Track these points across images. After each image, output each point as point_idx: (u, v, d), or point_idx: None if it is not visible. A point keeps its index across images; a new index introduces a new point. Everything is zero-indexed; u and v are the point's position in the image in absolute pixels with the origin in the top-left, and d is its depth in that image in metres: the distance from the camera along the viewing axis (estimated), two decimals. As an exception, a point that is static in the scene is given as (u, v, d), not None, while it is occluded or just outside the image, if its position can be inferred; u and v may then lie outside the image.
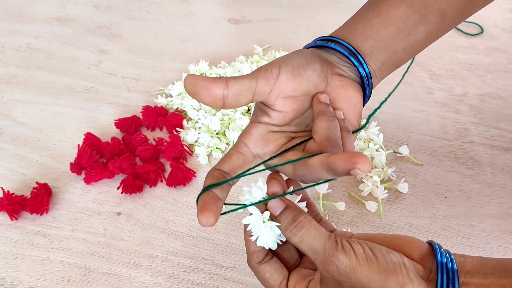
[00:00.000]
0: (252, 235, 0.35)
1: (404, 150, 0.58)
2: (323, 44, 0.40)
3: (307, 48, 0.41)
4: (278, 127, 0.37)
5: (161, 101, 0.64)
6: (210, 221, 0.31)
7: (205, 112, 0.62)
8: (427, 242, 0.35)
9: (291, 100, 0.36)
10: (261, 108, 0.37)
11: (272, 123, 0.36)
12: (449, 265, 0.32)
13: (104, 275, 0.48)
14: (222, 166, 0.36)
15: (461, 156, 0.59)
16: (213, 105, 0.33)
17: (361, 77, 0.40)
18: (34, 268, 0.48)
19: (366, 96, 0.41)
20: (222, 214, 0.34)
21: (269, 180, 0.36)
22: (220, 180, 0.34)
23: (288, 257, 0.38)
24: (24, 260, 0.49)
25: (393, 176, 0.56)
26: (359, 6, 0.47)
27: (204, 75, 0.67)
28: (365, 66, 0.40)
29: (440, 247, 0.33)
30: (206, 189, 0.33)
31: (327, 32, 0.42)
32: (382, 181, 0.55)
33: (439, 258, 0.32)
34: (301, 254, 0.39)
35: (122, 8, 0.85)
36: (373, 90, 0.42)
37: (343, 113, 0.38)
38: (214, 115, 0.61)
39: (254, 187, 0.35)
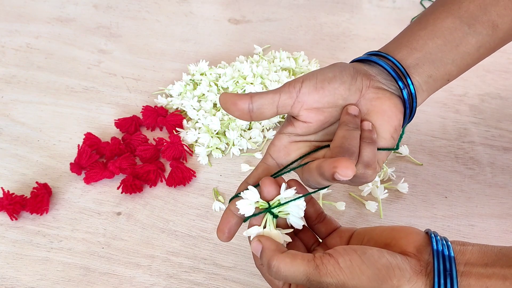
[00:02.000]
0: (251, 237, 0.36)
1: (404, 150, 0.58)
2: (367, 58, 0.41)
3: (352, 61, 0.42)
4: (301, 137, 0.38)
5: (161, 101, 0.64)
6: (224, 238, 0.37)
7: (205, 112, 0.62)
8: (424, 231, 0.35)
9: (316, 111, 0.37)
10: (288, 118, 0.39)
11: (295, 133, 0.38)
12: (446, 252, 0.32)
13: (104, 275, 0.48)
14: (248, 179, 0.39)
15: (461, 156, 0.59)
16: (242, 118, 0.37)
17: (401, 90, 0.40)
18: (34, 268, 0.48)
19: (408, 110, 0.40)
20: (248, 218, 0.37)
21: (262, 181, 0.37)
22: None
23: (305, 242, 0.40)
24: (24, 260, 0.49)
25: (393, 176, 0.56)
26: (359, 6, 0.47)
27: (204, 75, 0.67)
28: (408, 80, 0.40)
29: (436, 235, 0.33)
30: (237, 195, 0.37)
31: (327, 31, 0.42)
32: (382, 181, 0.55)
33: (435, 247, 0.32)
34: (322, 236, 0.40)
35: (122, 8, 0.86)
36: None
37: (373, 125, 0.38)
38: (214, 115, 0.61)
39: (247, 192, 0.36)
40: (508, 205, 0.54)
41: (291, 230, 0.37)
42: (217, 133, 0.59)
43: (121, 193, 0.54)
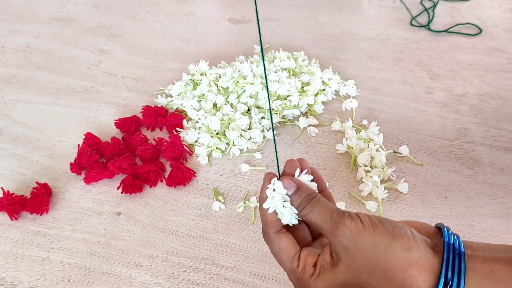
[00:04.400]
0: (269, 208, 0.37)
1: (404, 150, 0.58)
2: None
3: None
4: None
5: (161, 101, 0.64)
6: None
7: (205, 112, 0.62)
8: (435, 225, 0.35)
9: None
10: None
11: None
12: (456, 245, 0.32)
13: (104, 275, 0.48)
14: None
15: (461, 156, 0.59)
16: None
17: None
18: (34, 268, 0.48)
19: None
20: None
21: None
22: None
23: (300, 237, 0.39)
24: (24, 260, 0.49)
25: (393, 176, 0.56)
26: (359, 6, 0.47)
27: (204, 75, 0.67)
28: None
29: (448, 229, 0.34)
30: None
31: (327, 31, 0.42)
32: (382, 181, 0.55)
33: (446, 239, 0.32)
34: (314, 236, 0.40)
35: (122, 8, 0.85)
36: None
37: None
38: (214, 115, 0.61)
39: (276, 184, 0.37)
40: (508, 205, 0.53)
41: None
42: (217, 133, 0.59)
43: (121, 193, 0.54)
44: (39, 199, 0.52)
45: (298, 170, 0.37)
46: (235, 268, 0.48)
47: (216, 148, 0.59)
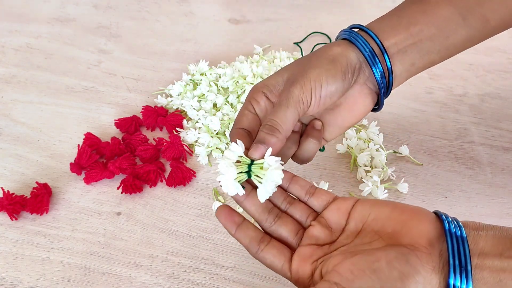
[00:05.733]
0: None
1: (404, 150, 0.58)
2: (353, 39, 0.41)
3: (341, 38, 0.43)
4: None
5: (161, 101, 0.64)
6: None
7: (205, 112, 0.62)
8: (434, 213, 0.34)
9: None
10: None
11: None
12: (458, 233, 0.31)
13: (104, 275, 0.48)
14: (241, 124, 0.40)
15: (461, 156, 0.59)
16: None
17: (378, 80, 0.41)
18: (34, 268, 0.48)
19: (380, 101, 0.43)
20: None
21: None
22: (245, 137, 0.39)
23: (298, 215, 0.39)
24: (24, 260, 0.49)
25: (393, 176, 0.56)
26: (358, 6, 0.47)
27: (204, 75, 0.67)
28: (389, 70, 0.40)
29: (447, 217, 0.32)
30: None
31: (327, 31, 0.42)
32: (382, 181, 0.55)
33: (449, 241, 0.31)
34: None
35: (122, 8, 0.85)
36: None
37: (324, 124, 0.42)
38: (214, 115, 0.61)
39: (231, 147, 0.36)
40: (508, 205, 0.54)
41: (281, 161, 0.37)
42: (217, 133, 0.59)
43: (121, 193, 0.54)
44: (39, 199, 0.52)
45: (269, 150, 0.36)
46: (235, 268, 0.48)
47: (216, 148, 0.59)
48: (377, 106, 0.44)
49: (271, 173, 0.35)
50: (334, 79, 0.39)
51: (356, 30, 0.43)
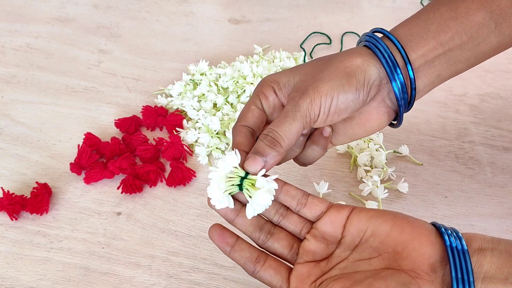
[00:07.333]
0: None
1: (404, 150, 0.58)
2: (375, 48, 0.37)
3: (362, 45, 0.39)
4: None
5: (161, 101, 0.64)
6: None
7: (205, 112, 0.62)
8: (431, 223, 0.33)
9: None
10: None
11: None
12: (459, 247, 0.30)
13: (104, 275, 0.48)
14: (245, 121, 0.40)
15: (461, 156, 0.59)
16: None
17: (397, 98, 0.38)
18: (34, 268, 0.48)
19: (399, 119, 0.40)
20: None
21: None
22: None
23: (292, 227, 0.37)
24: (24, 260, 0.49)
25: (393, 176, 0.56)
26: (358, 6, 0.46)
27: (204, 75, 0.67)
28: (412, 85, 0.37)
29: (452, 249, 0.31)
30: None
31: (327, 32, 0.41)
32: (382, 181, 0.55)
33: (453, 271, 0.30)
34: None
35: (122, 8, 0.85)
36: None
37: (333, 131, 0.41)
38: (214, 115, 0.61)
39: (228, 155, 0.35)
40: (508, 205, 0.54)
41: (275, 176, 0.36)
42: (217, 133, 0.59)
43: (121, 193, 0.54)
44: (39, 199, 0.52)
45: (262, 171, 0.34)
46: (235, 268, 0.48)
47: (216, 148, 0.59)
48: (395, 121, 0.41)
49: (259, 196, 0.34)
50: (346, 97, 0.36)
51: (380, 35, 0.39)
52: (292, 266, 0.37)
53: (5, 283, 0.47)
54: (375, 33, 0.39)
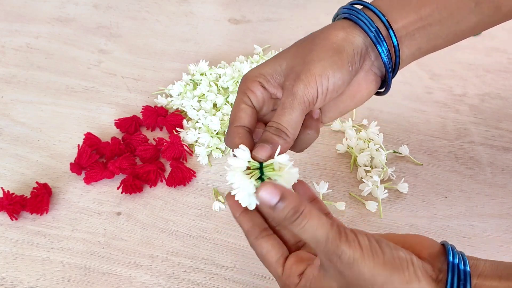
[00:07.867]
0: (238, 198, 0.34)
1: (404, 150, 0.58)
2: (356, 18, 0.38)
3: (340, 18, 0.39)
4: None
5: (161, 101, 0.64)
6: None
7: (205, 112, 0.62)
8: (440, 243, 0.33)
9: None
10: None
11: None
12: (461, 266, 0.30)
13: (104, 275, 0.48)
14: (240, 122, 0.38)
15: (461, 156, 0.59)
16: None
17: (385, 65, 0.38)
18: (34, 268, 0.48)
19: (388, 84, 0.40)
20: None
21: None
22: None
23: (289, 236, 0.37)
24: (24, 260, 0.49)
25: (393, 176, 0.56)
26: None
27: (204, 75, 0.67)
28: (397, 59, 0.38)
29: (453, 248, 0.32)
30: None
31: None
32: (382, 181, 0.55)
33: (451, 259, 0.31)
34: None
35: (122, 8, 0.85)
36: None
37: (322, 111, 0.40)
38: (214, 115, 0.61)
39: (237, 151, 0.34)
40: (508, 205, 0.54)
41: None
42: (217, 133, 0.59)
43: (121, 193, 0.54)
44: (39, 199, 0.52)
45: (278, 148, 0.34)
46: (235, 268, 0.48)
47: (216, 148, 0.59)
48: (383, 89, 0.42)
49: (288, 174, 0.33)
50: (341, 72, 0.36)
51: (359, 7, 0.40)
52: None
53: (5, 283, 0.47)
54: (354, 5, 0.40)
